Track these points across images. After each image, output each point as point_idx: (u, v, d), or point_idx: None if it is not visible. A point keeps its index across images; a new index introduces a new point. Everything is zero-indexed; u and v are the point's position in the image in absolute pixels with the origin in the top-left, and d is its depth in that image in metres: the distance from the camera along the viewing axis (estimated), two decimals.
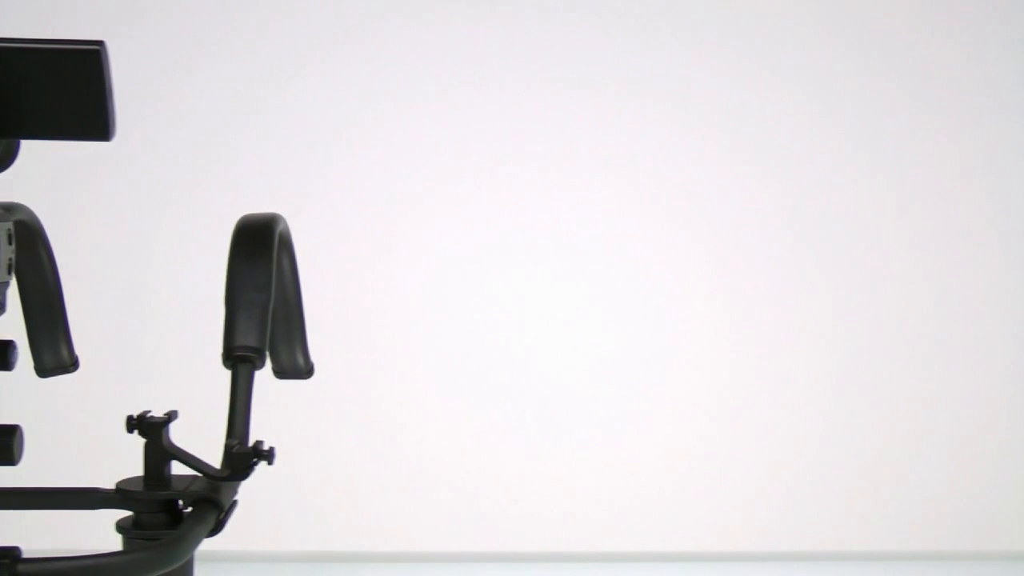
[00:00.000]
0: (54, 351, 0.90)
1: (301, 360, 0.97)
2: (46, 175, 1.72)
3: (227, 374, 0.84)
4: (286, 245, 0.91)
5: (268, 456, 0.82)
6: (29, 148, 0.77)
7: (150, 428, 0.82)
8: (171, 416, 0.83)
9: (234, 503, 0.83)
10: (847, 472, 1.91)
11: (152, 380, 1.78)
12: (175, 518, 0.82)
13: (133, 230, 1.85)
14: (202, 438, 0.95)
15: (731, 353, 1.91)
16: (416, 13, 1.87)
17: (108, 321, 1.77)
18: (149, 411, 0.83)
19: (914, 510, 1.90)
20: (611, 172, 1.90)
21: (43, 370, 0.91)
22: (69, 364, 0.91)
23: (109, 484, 0.85)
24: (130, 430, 0.83)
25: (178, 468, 0.85)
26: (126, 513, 0.83)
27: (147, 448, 0.82)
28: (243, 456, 0.81)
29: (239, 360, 0.82)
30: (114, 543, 0.84)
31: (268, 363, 0.99)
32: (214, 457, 0.84)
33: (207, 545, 1.77)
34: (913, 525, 1.90)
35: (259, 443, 0.82)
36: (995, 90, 1.90)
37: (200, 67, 1.85)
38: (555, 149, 1.89)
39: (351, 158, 1.88)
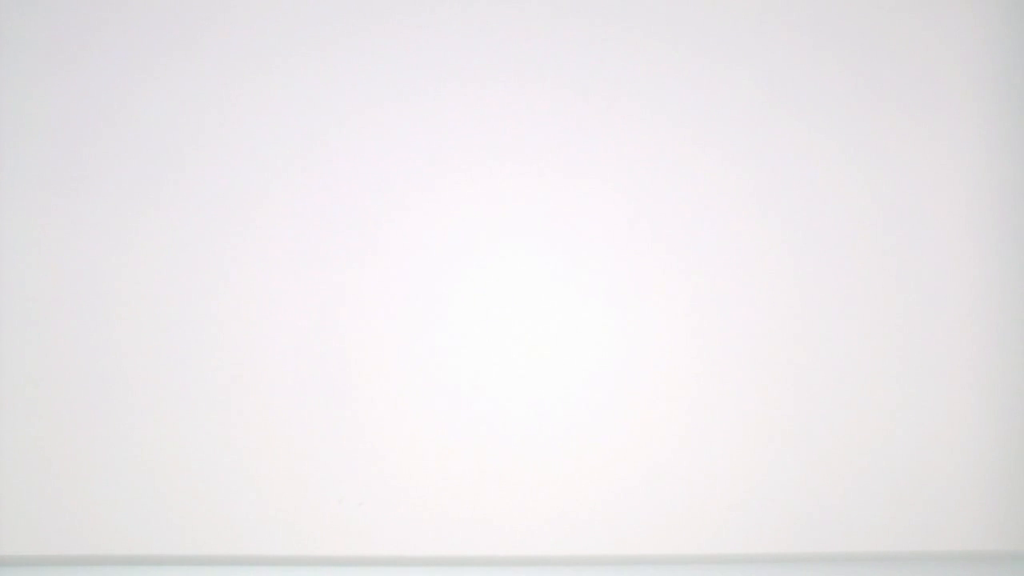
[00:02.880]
0: None
1: None
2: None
3: None
4: None
5: None
6: None
7: None
8: None
9: None
10: (840, 474, 1.89)
11: None
12: None
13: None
14: None
15: (717, 355, 1.89)
16: (399, 8, 1.86)
17: None
18: None
19: (907, 511, 1.88)
20: (596, 175, 1.88)
21: None
22: None
23: None
24: None
25: None
26: None
27: None
28: None
29: None
30: None
31: None
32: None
33: (192, 550, 1.75)
34: (909, 526, 1.88)
35: None
36: (986, 94, 1.89)
37: (177, 64, 1.84)
38: (539, 150, 1.88)
39: (323, 158, 1.87)
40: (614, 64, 1.91)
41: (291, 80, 1.89)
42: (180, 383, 1.76)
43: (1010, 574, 1.67)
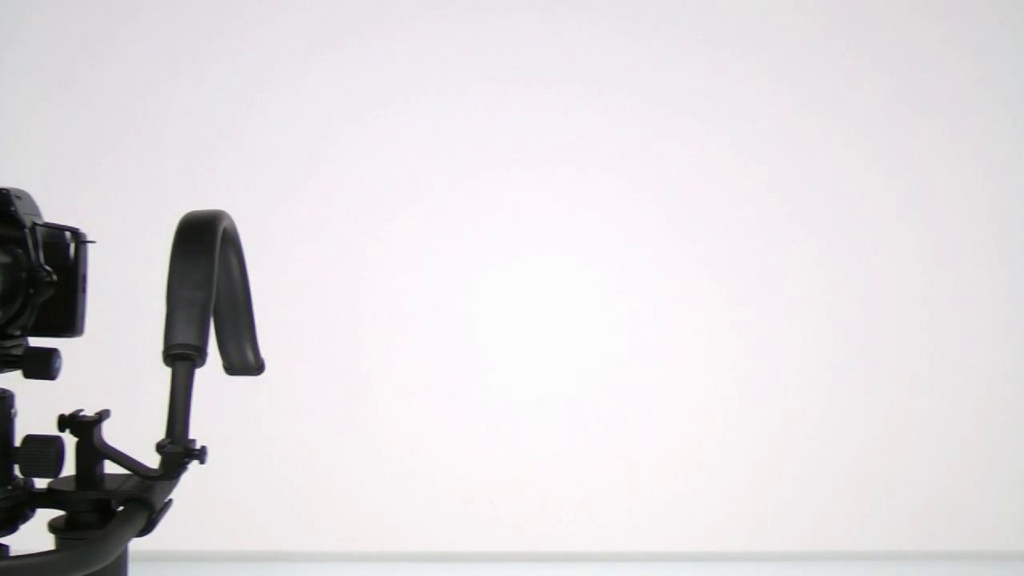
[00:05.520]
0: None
1: (251, 357, 0.95)
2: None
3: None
4: (232, 242, 0.90)
5: (200, 455, 0.80)
6: None
7: (81, 427, 0.81)
8: (102, 415, 0.82)
9: (168, 503, 0.82)
10: (848, 473, 1.90)
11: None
12: (107, 518, 0.81)
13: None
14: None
15: (730, 353, 1.90)
16: (406, 11, 1.87)
17: None
18: (81, 410, 0.82)
19: (913, 510, 1.89)
20: (607, 173, 1.89)
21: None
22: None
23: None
24: (61, 429, 0.82)
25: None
26: (60, 513, 0.83)
27: (78, 447, 0.81)
28: (174, 455, 0.79)
29: (177, 358, 0.80)
30: (50, 543, 0.83)
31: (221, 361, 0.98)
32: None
33: (197, 545, 1.77)
34: (911, 525, 1.89)
35: (191, 442, 0.80)
36: (992, 90, 1.89)
37: (187, 70, 1.85)
38: (549, 149, 1.89)
39: (342, 158, 1.88)
40: (636, 64, 1.91)
41: (296, 83, 1.90)
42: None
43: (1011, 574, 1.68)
